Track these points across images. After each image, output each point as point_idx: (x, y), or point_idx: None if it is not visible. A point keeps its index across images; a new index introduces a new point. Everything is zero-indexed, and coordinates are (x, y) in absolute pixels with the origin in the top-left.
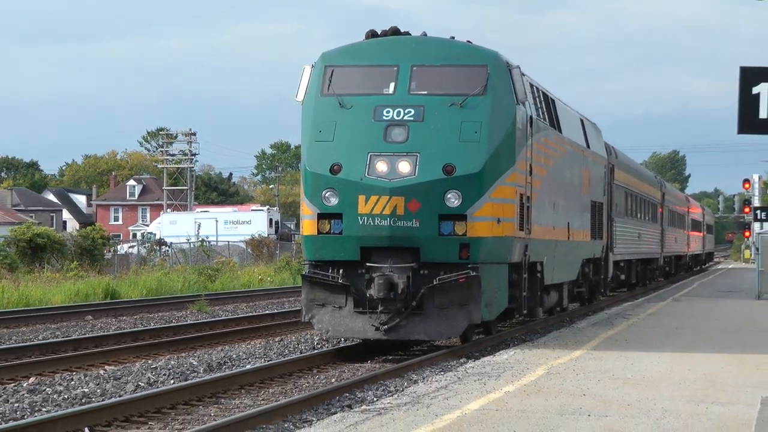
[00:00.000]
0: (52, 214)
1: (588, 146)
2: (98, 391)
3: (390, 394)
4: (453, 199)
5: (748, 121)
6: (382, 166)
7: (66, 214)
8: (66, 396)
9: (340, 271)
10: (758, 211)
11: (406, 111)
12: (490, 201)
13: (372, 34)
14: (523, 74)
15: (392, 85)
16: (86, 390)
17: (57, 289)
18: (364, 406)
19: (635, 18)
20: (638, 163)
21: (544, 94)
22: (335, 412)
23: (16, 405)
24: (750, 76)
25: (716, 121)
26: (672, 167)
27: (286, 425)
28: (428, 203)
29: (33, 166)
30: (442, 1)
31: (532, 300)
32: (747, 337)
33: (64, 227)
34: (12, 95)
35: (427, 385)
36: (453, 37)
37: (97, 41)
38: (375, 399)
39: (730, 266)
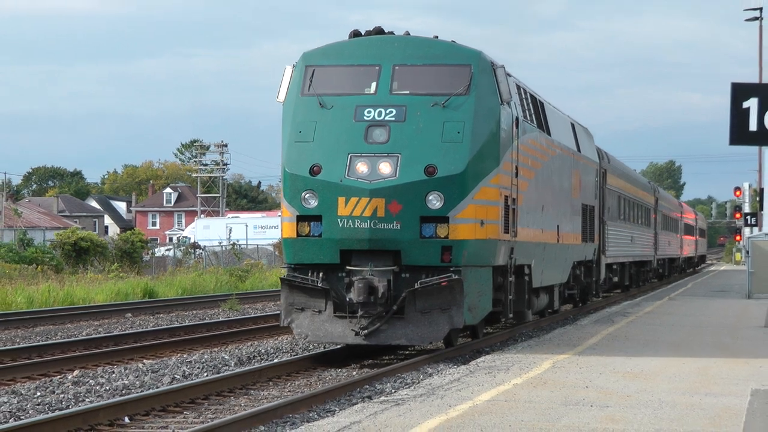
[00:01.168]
0: (94, 220)
1: (579, 150)
2: (137, 383)
3: (407, 386)
4: (435, 201)
5: (739, 133)
6: (362, 167)
7: (107, 220)
8: (108, 387)
9: (320, 274)
10: (748, 217)
11: (387, 111)
12: (473, 203)
13: (355, 34)
14: (508, 74)
15: (374, 84)
16: (126, 382)
17: (99, 288)
18: (383, 397)
19: (633, 37)
20: (637, 171)
21: (531, 96)
22: (356, 403)
23: (62, 396)
24: (740, 92)
25: (709, 133)
26: (668, 176)
27: (311, 414)
28: (409, 205)
29: (77, 175)
30: (453, 21)
31: (519, 303)
32: (738, 334)
33: (106, 232)
34: (58, 110)
35: (442, 377)
36: (437, 37)
37: (134, 60)
38: (393, 391)
39: (722, 268)
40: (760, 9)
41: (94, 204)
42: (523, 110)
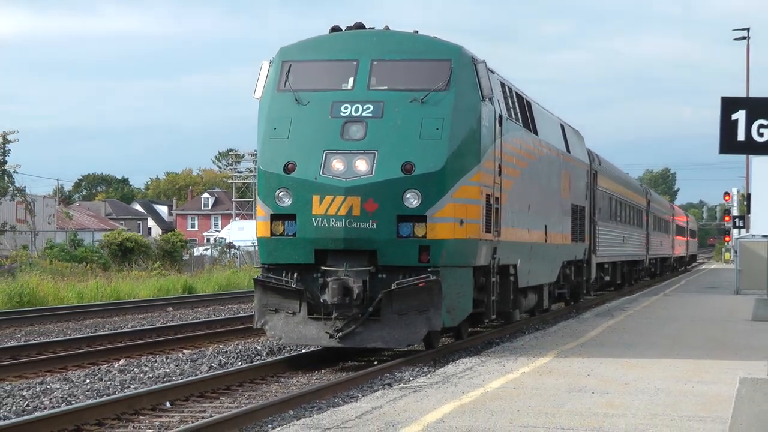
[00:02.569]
0: (139, 222)
1: (568, 151)
2: (177, 371)
3: (424, 374)
4: (412, 199)
5: (728, 143)
6: (338, 165)
7: (150, 222)
8: (150, 375)
9: (295, 275)
10: (737, 219)
11: (364, 107)
12: (452, 201)
13: (334, 30)
14: (491, 71)
15: (351, 80)
16: (167, 370)
17: (143, 285)
18: (402, 385)
19: (631, 56)
20: (633, 177)
21: (517, 94)
22: (377, 390)
23: (109, 383)
24: (729, 105)
25: (701, 143)
26: (663, 182)
27: (336, 400)
28: (386, 203)
29: (123, 181)
30: (470, 41)
31: (503, 303)
32: (728, 326)
33: (149, 233)
34: (107, 122)
35: (456, 366)
36: (417, 31)
37: (177, 76)
38: (411, 378)
39: (713, 266)
40: (747, 29)
41: (138, 208)
42: (507, 108)
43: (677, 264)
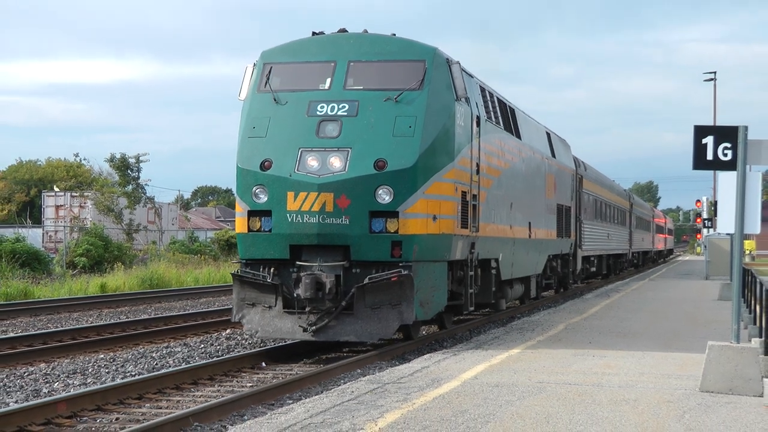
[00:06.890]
0: None
1: (554, 156)
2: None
3: (461, 342)
4: (384, 195)
5: (700, 161)
6: (312, 162)
7: None
8: (251, 342)
9: (271, 270)
10: (706, 221)
11: (340, 106)
12: (424, 197)
13: (315, 35)
14: (469, 74)
15: (328, 80)
16: None
17: None
18: (444, 350)
19: (624, 93)
20: (624, 188)
21: (499, 100)
22: (425, 353)
23: (219, 347)
24: (701, 131)
25: (678, 161)
26: (648, 192)
27: (393, 362)
28: (358, 199)
29: (228, 191)
30: (492, 82)
31: (485, 295)
32: (699, 305)
33: None
34: (215, 145)
35: (486, 336)
36: (394, 34)
37: None
38: (451, 345)
39: (686, 258)
40: (714, 72)
41: None
42: (486, 111)
43: (657, 256)
